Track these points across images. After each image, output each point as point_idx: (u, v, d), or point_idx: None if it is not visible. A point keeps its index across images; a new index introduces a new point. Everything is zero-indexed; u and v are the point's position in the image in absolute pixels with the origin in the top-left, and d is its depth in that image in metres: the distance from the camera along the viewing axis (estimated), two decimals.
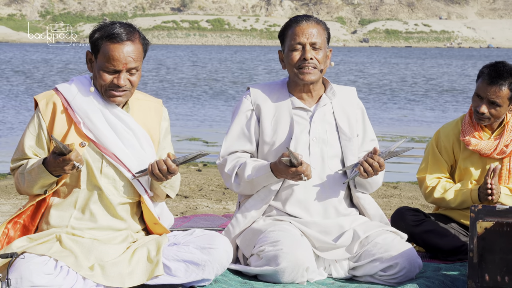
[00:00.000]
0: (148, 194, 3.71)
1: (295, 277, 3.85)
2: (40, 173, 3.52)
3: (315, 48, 4.04)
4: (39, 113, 3.63)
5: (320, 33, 4.06)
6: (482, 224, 3.56)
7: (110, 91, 3.59)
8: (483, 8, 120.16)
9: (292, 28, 4.07)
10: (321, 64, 4.06)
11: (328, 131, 4.10)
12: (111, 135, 3.61)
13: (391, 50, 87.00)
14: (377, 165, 3.93)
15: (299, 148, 4.05)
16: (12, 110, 18.44)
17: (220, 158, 4.12)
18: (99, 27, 3.63)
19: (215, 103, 21.24)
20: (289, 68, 4.09)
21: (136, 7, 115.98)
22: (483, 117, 4.47)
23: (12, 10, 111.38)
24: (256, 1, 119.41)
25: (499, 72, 4.40)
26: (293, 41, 4.04)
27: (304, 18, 4.09)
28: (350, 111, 4.17)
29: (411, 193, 8.00)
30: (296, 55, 4.04)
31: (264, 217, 4.09)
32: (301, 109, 4.13)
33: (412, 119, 18.16)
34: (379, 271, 3.95)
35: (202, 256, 3.64)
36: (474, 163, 4.58)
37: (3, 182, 8.34)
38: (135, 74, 3.59)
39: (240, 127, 4.12)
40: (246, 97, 4.16)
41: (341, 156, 4.11)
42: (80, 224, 3.62)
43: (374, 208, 4.16)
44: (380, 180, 4.15)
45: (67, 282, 3.44)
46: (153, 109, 3.78)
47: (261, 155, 4.11)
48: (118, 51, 3.53)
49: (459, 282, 3.98)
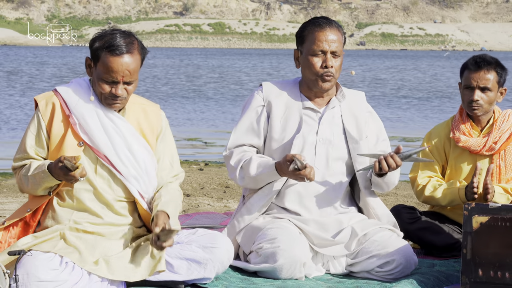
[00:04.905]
0: (142, 196, 3.70)
1: (292, 273, 3.86)
2: (44, 177, 3.55)
3: (335, 56, 4.02)
4: (39, 113, 3.65)
5: (340, 40, 4.04)
6: (477, 219, 3.53)
7: (108, 99, 3.61)
8: (476, 12, 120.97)
9: (314, 32, 4.02)
10: (338, 71, 4.05)
11: (336, 133, 4.08)
12: (104, 137, 3.62)
13: (387, 53, 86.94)
14: (394, 166, 3.91)
15: (306, 148, 4.03)
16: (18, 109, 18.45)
17: (227, 150, 4.09)
18: (99, 36, 3.63)
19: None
20: (308, 72, 4.05)
21: (140, 11, 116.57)
22: (477, 106, 4.47)
23: (19, 14, 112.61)
24: (256, 6, 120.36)
25: (483, 58, 4.47)
26: (315, 46, 4.00)
27: (327, 24, 4.03)
28: (358, 114, 4.14)
29: (406, 192, 8.10)
30: (317, 62, 4.00)
31: (264, 215, 4.09)
32: (311, 109, 4.10)
33: (406, 119, 18.25)
34: (376, 267, 3.96)
35: (204, 255, 3.65)
36: (464, 161, 4.57)
37: (11, 181, 8.37)
38: (132, 84, 3.61)
39: (250, 121, 4.09)
40: (258, 93, 4.13)
41: (347, 158, 4.09)
42: (82, 219, 3.63)
43: (381, 207, 4.16)
44: (396, 180, 4.10)
45: (73, 277, 3.45)
46: (150, 113, 3.78)
47: (267, 151, 4.09)
48: (117, 64, 3.54)
49: (453, 277, 3.98)
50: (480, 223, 3.56)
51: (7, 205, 6.94)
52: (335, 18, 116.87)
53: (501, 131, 4.55)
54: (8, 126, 15.62)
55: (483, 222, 3.56)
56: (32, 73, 35.89)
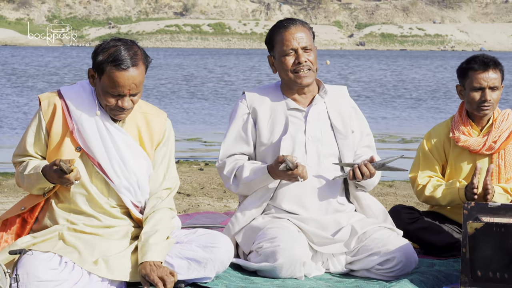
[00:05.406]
0: (135, 205, 3.70)
1: (292, 273, 3.87)
2: (38, 179, 3.55)
3: (307, 50, 4.06)
4: (41, 112, 3.64)
5: (308, 35, 4.09)
6: (472, 225, 3.55)
7: (114, 111, 3.60)
8: (475, 13, 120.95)
9: (281, 33, 4.07)
10: (314, 64, 4.08)
11: (323, 130, 4.11)
12: (100, 146, 3.60)
13: (387, 53, 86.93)
14: (368, 174, 3.96)
15: (296, 147, 4.06)
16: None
17: (219, 161, 4.13)
18: (103, 48, 3.58)
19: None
20: (284, 73, 4.09)
21: (140, 12, 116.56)
22: (489, 105, 4.47)
23: (20, 14, 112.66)
24: (256, 6, 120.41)
25: (486, 57, 4.49)
26: (285, 47, 4.05)
27: (291, 22, 4.08)
28: (343, 109, 4.18)
29: (406, 192, 8.09)
30: (290, 60, 4.05)
31: (263, 215, 4.10)
32: (295, 110, 4.14)
33: (404, 119, 18.21)
34: (376, 265, 3.96)
35: (204, 255, 3.65)
36: (464, 160, 4.57)
37: (11, 181, 8.40)
38: (137, 95, 3.60)
39: (237, 130, 4.13)
40: (242, 101, 4.17)
41: (338, 154, 4.11)
42: (78, 220, 3.63)
43: (376, 205, 4.20)
44: (375, 181, 4.15)
45: (73, 277, 3.45)
46: (152, 122, 3.75)
47: (259, 156, 4.12)
48: (123, 78, 3.51)
49: (452, 277, 3.99)
50: (475, 228, 3.58)
51: (8, 204, 6.96)
52: (334, 19, 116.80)
53: (501, 131, 4.55)
54: (8, 126, 15.68)
55: (477, 228, 3.58)
56: (32, 73, 35.95)
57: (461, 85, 4.56)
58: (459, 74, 4.58)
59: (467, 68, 4.50)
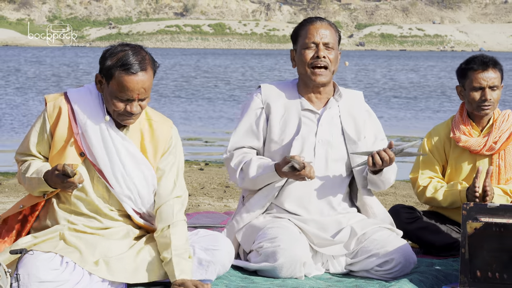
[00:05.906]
0: (136, 212, 3.69)
1: (292, 273, 3.87)
2: (39, 184, 3.55)
3: (328, 48, 4.04)
4: (46, 114, 3.63)
5: (332, 33, 4.08)
6: (471, 225, 3.55)
7: (122, 116, 3.59)
8: (475, 13, 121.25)
9: (306, 27, 4.08)
10: (333, 64, 4.06)
11: (334, 134, 4.09)
12: (103, 153, 3.59)
13: (386, 53, 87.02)
14: (388, 159, 3.91)
15: (305, 149, 4.05)
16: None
17: (227, 152, 4.11)
18: (111, 53, 3.57)
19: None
20: (301, 67, 4.07)
21: (141, 12, 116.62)
22: (489, 105, 4.48)
23: (21, 15, 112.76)
24: (256, 6, 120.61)
25: (485, 57, 4.51)
26: (307, 39, 4.04)
27: (318, 19, 4.09)
28: (356, 114, 4.15)
29: (405, 191, 8.06)
30: (309, 53, 4.03)
31: (264, 214, 4.10)
32: (309, 111, 4.11)
33: (405, 119, 18.28)
34: (375, 266, 3.97)
35: (206, 257, 3.65)
36: (464, 160, 4.57)
37: (12, 181, 8.36)
38: (145, 100, 3.59)
39: (249, 123, 4.10)
40: (257, 95, 4.14)
41: (347, 159, 4.10)
42: (79, 221, 3.62)
43: (379, 206, 4.18)
44: (392, 179, 4.12)
45: (74, 277, 3.44)
46: (157, 130, 3.73)
47: (267, 153, 4.10)
48: (132, 83, 3.51)
49: (451, 277, 3.99)
50: (474, 228, 3.57)
51: (9, 204, 6.94)
52: (334, 19, 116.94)
53: (501, 131, 4.55)
54: (8, 126, 15.65)
55: (477, 228, 3.58)
56: (32, 73, 35.90)
57: (461, 86, 4.57)
58: (458, 75, 4.58)
59: (466, 68, 4.50)
